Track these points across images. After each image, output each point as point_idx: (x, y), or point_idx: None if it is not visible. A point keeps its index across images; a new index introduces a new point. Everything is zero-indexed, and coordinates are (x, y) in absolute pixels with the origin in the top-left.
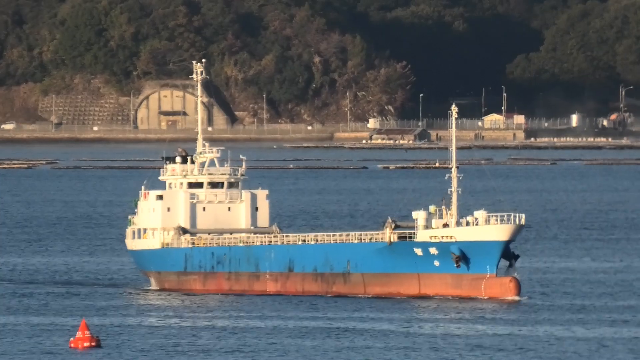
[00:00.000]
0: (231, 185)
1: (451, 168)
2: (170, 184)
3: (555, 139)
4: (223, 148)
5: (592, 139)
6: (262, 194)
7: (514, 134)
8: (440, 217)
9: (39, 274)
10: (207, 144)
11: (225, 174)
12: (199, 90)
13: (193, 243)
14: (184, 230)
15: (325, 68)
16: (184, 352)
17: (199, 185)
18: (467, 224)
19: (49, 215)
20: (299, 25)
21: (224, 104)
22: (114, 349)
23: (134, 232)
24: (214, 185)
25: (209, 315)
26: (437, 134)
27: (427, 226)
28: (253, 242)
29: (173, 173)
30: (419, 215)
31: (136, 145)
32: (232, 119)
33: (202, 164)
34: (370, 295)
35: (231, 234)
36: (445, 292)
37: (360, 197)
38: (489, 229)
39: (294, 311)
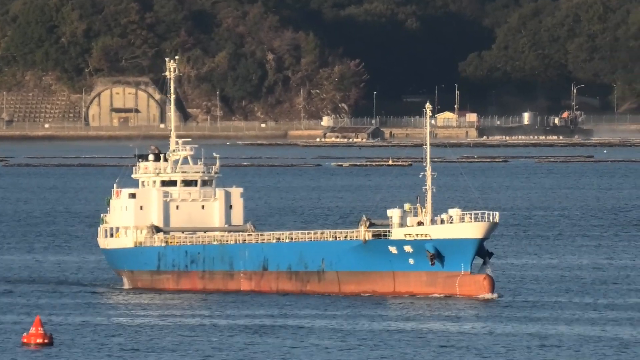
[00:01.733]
0: (205, 183)
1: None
2: (143, 182)
3: (507, 137)
4: (196, 146)
5: (543, 137)
6: (236, 192)
7: (467, 132)
8: (415, 215)
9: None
10: (180, 142)
11: (198, 172)
12: (172, 87)
13: (166, 242)
14: (157, 229)
15: (278, 65)
16: (137, 349)
17: (172, 183)
18: (442, 221)
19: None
20: (252, 22)
21: (177, 101)
22: (66, 347)
23: (106, 231)
24: (188, 183)
25: (167, 314)
26: (390, 132)
27: (402, 224)
28: (227, 241)
29: (146, 171)
30: (393, 213)
31: (88, 142)
32: (185, 116)
33: (175, 162)
34: (345, 294)
35: (205, 232)
36: (420, 290)
37: (317, 194)
38: (464, 226)
39: (262, 309)
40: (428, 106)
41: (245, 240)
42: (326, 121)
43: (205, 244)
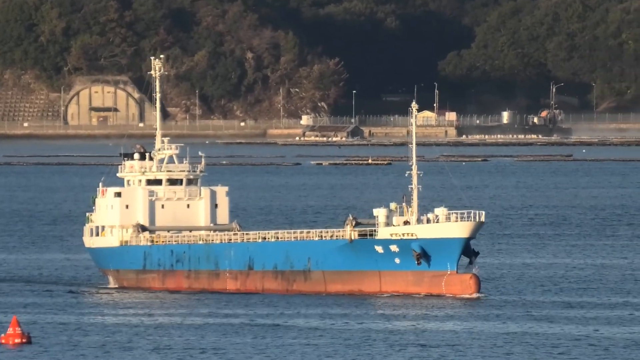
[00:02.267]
0: (190, 182)
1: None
2: (128, 180)
3: (487, 136)
4: (182, 144)
5: (522, 136)
6: (221, 190)
7: (446, 131)
8: (401, 214)
9: None
10: (165, 140)
11: (184, 171)
12: (157, 86)
13: (152, 241)
14: (143, 228)
15: (258, 64)
16: (110, 350)
17: (158, 182)
18: (428, 221)
19: None
20: (231, 21)
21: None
22: (43, 347)
23: (91, 230)
24: (173, 182)
25: (146, 312)
26: (369, 131)
27: (388, 223)
28: (213, 240)
29: (131, 170)
30: (379, 213)
31: (67, 141)
32: (164, 115)
33: (161, 161)
34: (331, 293)
35: (190, 231)
36: (406, 289)
37: (297, 193)
38: (450, 226)
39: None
40: (414, 105)
41: (230, 239)
42: (305, 120)
43: (191, 243)
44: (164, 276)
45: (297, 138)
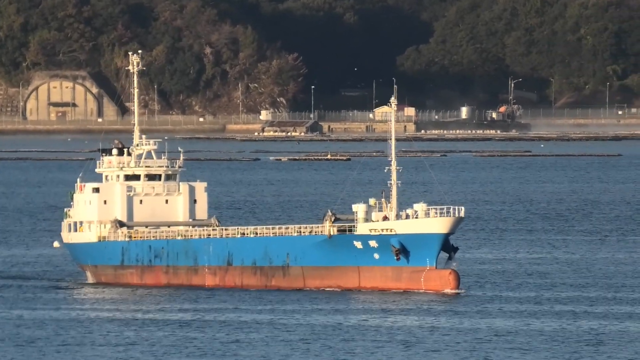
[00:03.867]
0: (169, 177)
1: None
2: (106, 176)
3: (445, 131)
4: (160, 140)
5: (481, 131)
6: (200, 186)
7: (405, 126)
8: (380, 209)
9: None
10: (144, 136)
11: (162, 166)
12: (135, 82)
13: (130, 236)
14: (121, 224)
15: (216, 59)
16: (68, 344)
17: (136, 177)
18: (407, 216)
19: None
20: (189, 16)
21: (114, 95)
22: None
23: (70, 225)
24: (151, 177)
25: (110, 308)
26: (329, 126)
27: (367, 219)
28: (191, 235)
29: (109, 165)
30: (359, 208)
31: (26, 136)
32: (123, 110)
33: (139, 156)
34: (310, 289)
35: (169, 227)
36: (385, 285)
37: (257, 189)
38: (429, 221)
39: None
40: (393, 100)
41: (209, 235)
42: (264, 115)
43: (169, 238)
44: (142, 272)
45: (256, 133)
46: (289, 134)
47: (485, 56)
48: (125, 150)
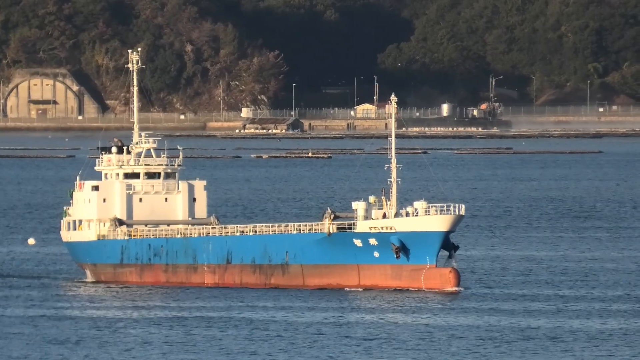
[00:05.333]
0: (168, 175)
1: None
2: (106, 174)
3: (426, 129)
4: (159, 138)
5: (462, 129)
6: (199, 184)
7: (386, 124)
8: (380, 207)
9: None
10: (143, 134)
11: (162, 165)
12: (135, 79)
13: (129, 235)
14: (120, 222)
15: (197, 57)
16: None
17: (136, 175)
18: (407, 214)
19: None
20: (170, 13)
21: (94, 93)
22: None
23: (69, 224)
24: (151, 175)
25: (98, 305)
26: (309, 124)
27: (367, 217)
28: (190, 234)
29: (109, 163)
30: (358, 206)
31: (6, 133)
32: (103, 108)
33: (138, 154)
34: (309, 287)
35: (168, 225)
36: (385, 283)
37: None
38: (429, 219)
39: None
40: (393, 98)
41: (209, 233)
42: (245, 113)
43: (169, 237)
44: (141, 270)
45: (237, 131)
46: (270, 131)
47: (466, 54)
48: (125, 148)
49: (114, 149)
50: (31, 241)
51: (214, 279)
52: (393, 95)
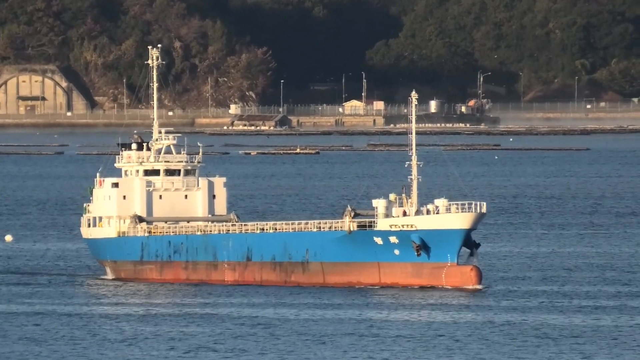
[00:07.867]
0: (188, 172)
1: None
2: (126, 171)
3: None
4: (179, 135)
5: (450, 125)
6: (219, 181)
7: (374, 120)
8: (401, 205)
9: None
10: (162, 131)
11: (181, 161)
12: (155, 76)
13: (149, 232)
14: (140, 219)
15: (185, 53)
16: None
17: (156, 172)
18: (428, 212)
19: None
20: (158, 10)
21: (83, 89)
22: None
23: (89, 221)
24: (171, 172)
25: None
26: (298, 120)
27: (388, 215)
28: (210, 231)
29: (129, 160)
30: (379, 204)
31: None
32: (92, 104)
33: (158, 151)
34: (329, 285)
35: (188, 222)
36: (406, 281)
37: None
38: (450, 217)
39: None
40: (414, 94)
41: (228, 230)
42: (234, 109)
43: (189, 234)
44: (161, 267)
45: (226, 127)
46: (258, 128)
47: (454, 50)
48: (145, 145)
49: (133, 146)
50: (8, 238)
51: (234, 277)
52: (414, 92)
